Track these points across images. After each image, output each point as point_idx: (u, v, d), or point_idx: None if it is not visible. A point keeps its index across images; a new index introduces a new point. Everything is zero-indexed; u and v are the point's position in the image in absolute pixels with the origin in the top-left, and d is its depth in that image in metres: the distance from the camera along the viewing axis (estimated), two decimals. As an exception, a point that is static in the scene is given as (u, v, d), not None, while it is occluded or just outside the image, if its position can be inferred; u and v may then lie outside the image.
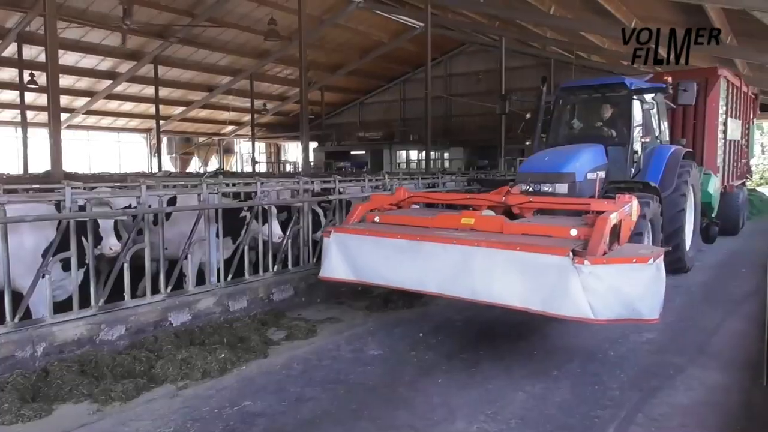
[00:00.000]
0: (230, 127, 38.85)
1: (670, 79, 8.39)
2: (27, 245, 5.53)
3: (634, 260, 4.49)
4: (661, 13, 14.59)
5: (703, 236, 10.92)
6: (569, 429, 4.09)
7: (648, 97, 8.86)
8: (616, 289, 4.42)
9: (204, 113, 35.84)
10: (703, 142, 11.49)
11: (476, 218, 5.61)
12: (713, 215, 11.29)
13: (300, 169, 24.01)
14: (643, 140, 8.55)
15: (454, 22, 25.17)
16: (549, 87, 9.99)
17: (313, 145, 36.19)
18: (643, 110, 8.57)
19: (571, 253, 4.45)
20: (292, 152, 46.10)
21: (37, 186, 9.54)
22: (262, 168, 41.20)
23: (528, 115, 9.99)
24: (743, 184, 15.70)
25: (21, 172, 24.09)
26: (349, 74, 33.03)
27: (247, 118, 35.75)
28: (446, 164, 33.11)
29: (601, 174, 7.99)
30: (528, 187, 7.43)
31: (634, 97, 8.64)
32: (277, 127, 40.36)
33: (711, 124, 11.51)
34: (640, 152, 8.67)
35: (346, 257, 5.74)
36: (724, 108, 12.00)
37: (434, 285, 5.19)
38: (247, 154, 42.16)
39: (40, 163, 24.03)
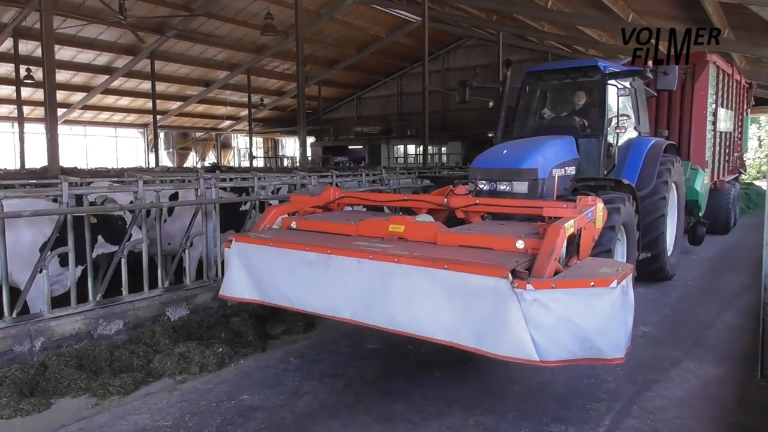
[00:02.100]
0: (227, 122, 38.88)
1: (651, 63, 7.34)
2: (24, 240, 5.54)
3: (592, 283, 3.55)
4: (658, 7, 14.61)
5: (689, 237, 10.09)
6: (565, 421, 4.12)
7: (625, 82, 7.72)
8: (569, 321, 3.52)
9: (201, 108, 35.79)
10: (690, 134, 10.45)
11: (406, 225, 4.68)
12: (700, 214, 10.24)
13: (298, 164, 24.00)
14: (618, 131, 7.51)
15: (451, 16, 25.16)
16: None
17: (310, 140, 36.19)
18: (618, 97, 7.39)
19: (509, 275, 3.53)
20: (290, 147, 46.11)
21: (35, 181, 9.53)
22: (259, 163, 41.19)
23: (491, 104, 8.96)
24: (736, 179, 14.67)
25: (18, 167, 24.07)
26: (346, 69, 33.02)
27: (245, 112, 35.73)
28: (444, 159, 33.14)
29: (571, 170, 7.05)
30: (483, 185, 6.56)
31: (609, 82, 7.49)
32: (274, 121, 40.34)
33: (699, 114, 10.46)
34: (615, 145, 7.64)
35: (248, 272, 4.83)
36: (714, 97, 10.99)
37: (347, 310, 4.23)
38: (245, 149, 42.12)
39: (37, 159, 24.00)
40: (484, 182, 6.60)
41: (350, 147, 38.70)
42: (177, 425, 4.09)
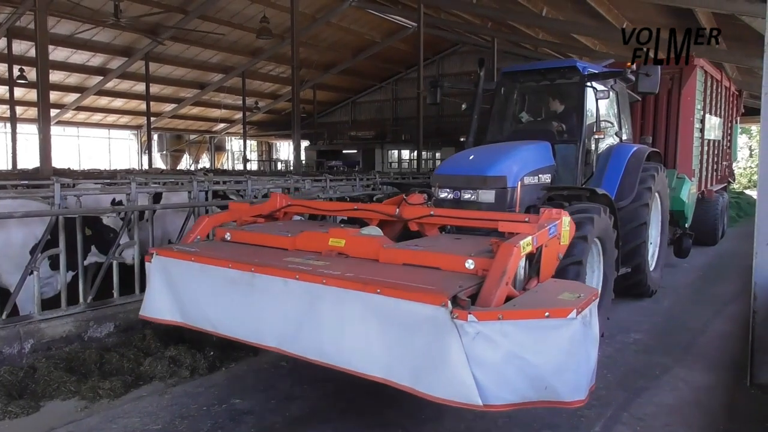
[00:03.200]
0: (221, 125, 38.81)
1: (634, 65, 6.87)
2: (15, 242, 5.51)
3: (547, 314, 3.09)
4: (651, 16, 14.71)
5: (675, 249, 9.71)
6: (556, 428, 4.12)
7: (605, 85, 7.22)
8: (519, 358, 3.05)
9: (195, 110, 35.75)
10: (676, 141, 9.93)
11: (347, 239, 4.23)
12: (687, 225, 9.79)
13: (292, 168, 23.99)
14: (597, 136, 6.95)
15: (446, 22, 25.26)
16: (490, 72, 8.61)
17: (304, 143, 36.18)
18: (598, 100, 6.85)
19: (448, 303, 3.02)
20: (284, 151, 46.09)
21: (26, 182, 9.49)
22: (253, 166, 41.14)
23: (464, 106, 8.32)
24: (725, 189, 14.19)
25: (9, 167, 23.95)
26: (341, 73, 33.07)
27: (239, 115, 35.71)
28: (438, 164, 33.21)
29: (546, 178, 6.50)
30: (445, 194, 6.03)
31: (588, 84, 6.96)
32: (268, 125, 40.33)
33: (686, 121, 9.95)
34: (593, 152, 7.06)
35: (170, 290, 4.34)
36: (702, 103, 10.54)
37: (273, 337, 3.76)
38: (239, 152, 42.08)
39: (29, 159, 23.89)
40: (447, 190, 6.04)
41: (344, 151, 38.73)
42: (167, 429, 4.07)
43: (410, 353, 3.17)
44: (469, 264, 3.64)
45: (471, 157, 6.35)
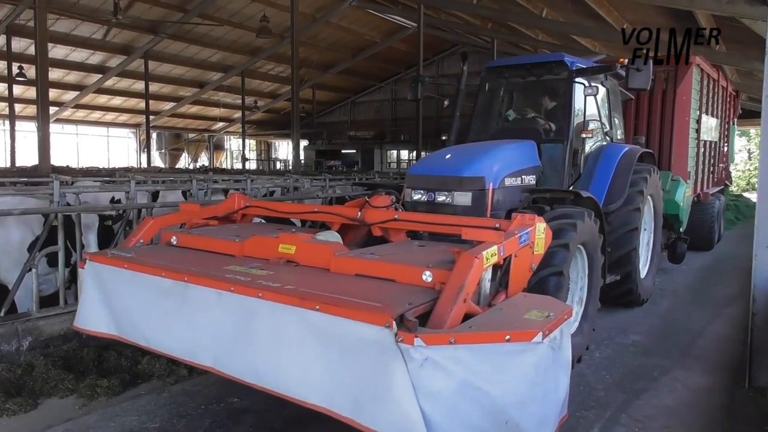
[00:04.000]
0: (220, 124, 38.82)
1: (625, 60, 6.42)
2: (13, 239, 5.50)
3: (508, 337, 2.72)
4: (651, 18, 14.72)
5: (669, 254, 9.28)
6: (554, 429, 4.12)
7: (595, 81, 6.81)
8: (476, 389, 2.65)
9: (194, 109, 35.73)
10: (671, 142, 9.52)
11: (298, 245, 3.85)
12: (681, 229, 9.38)
13: (291, 167, 23.99)
14: (585, 135, 6.53)
15: (446, 23, 25.25)
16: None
17: (303, 143, 36.18)
18: (586, 97, 6.39)
19: (393, 324, 2.60)
20: (283, 150, 46.08)
21: (25, 179, 9.48)
22: (252, 165, 41.13)
23: (446, 103, 7.92)
24: (721, 191, 13.76)
25: (8, 165, 23.93)
26: (340, 73, 33.07)
27: (238, 114, 35.70)
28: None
29: (530, 179, 6.10)
30: (419, 196, 5.64)
31: (576, 79, 6.57)
32: (267, 124, 40.33)
33: (681, 121, 9.52)
34: (581, 152, 6.67)
35: (105, 300, 3.99)
36: (698, 103, 10.13)
37: (208, 356, 3.39)
38: (238, 151, 42.07)
39: (28, 157, 23.87)
40: (421, 192, 5.63)
41: (343, 151, 38.74)
42: (165, 427, 4.06)
43: (351, 380, 2.78)
44: (427, 276, 3.25)
45: (447, 156, 5.96)
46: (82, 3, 20.78)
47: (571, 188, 6.28)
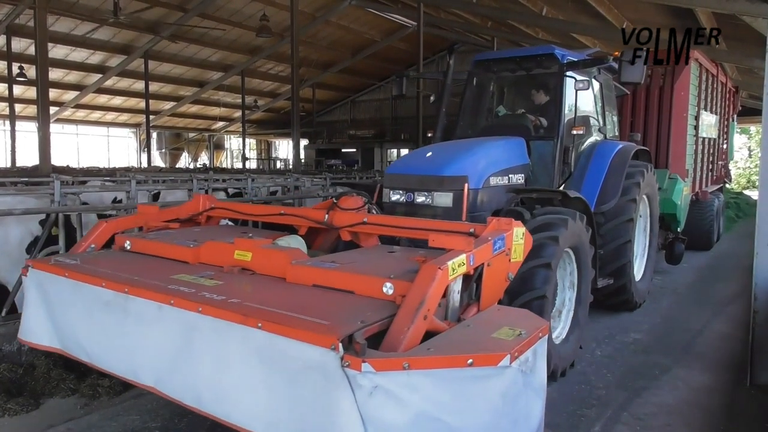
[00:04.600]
0: (220, 123, 38.81)
1: (618, 54, 6.16)
2: (12, 239, 5.51)
3: (470, 361, 2.40)
4: (652, 16, 14.72)
5: (666, 255, 9.11)
6: (556, 427, 4.12)
7: (586, 75, 6.47)
8: (434, 420, 2.36)
9: (194, 109, 35.71)
10: (668, 139, 9.26)
11: (254, 252, 3.56)
12: (679, 229, 9.11)
13: (291, 167, 23.99)
14: (576, 131, 6.15)
15: (446, 21, 25.23)
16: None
17: (303, 142, 36.18)
18: (577, 91, 6.04)
19: (339, 346, 2.32)
20: (283, 149, 46.08)
21: (26, 179, 9.48)
22: (252, 164, 41.14)
23: (432, 98, 7.54)
24: (720, 190, 13.46)
25: (8, 165, 23.94)
26: (340, 72, 33.04)
27: (238, 114, 35.68)
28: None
29: (518, 179, 5.80)
30: (398, 196, 5.37)
31: (567, 73, 6.25)
32: (267, 123, 40.31)
33: (678, 117, 9.26)
34: (572, 149, 6.34)
35: (48, 311, 3.70)
36: (697, 99, 9.87)
37: (150, 375, 3.12)
38: (238, 150, 42.07)
39: (28, 157, 23.87)
40: (400, 192, 5.36)
41: (344, 150, 38.72)
42: (167, 427, 4.07)
43: (296, 408, 2.48)
44: (388, 289, 2.94)
45: (428, 154, 5.67)
46: (82, 2, 20.76)
47: (562, 187, 6.07)
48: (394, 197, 5.39)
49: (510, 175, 5.66)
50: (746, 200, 20.26)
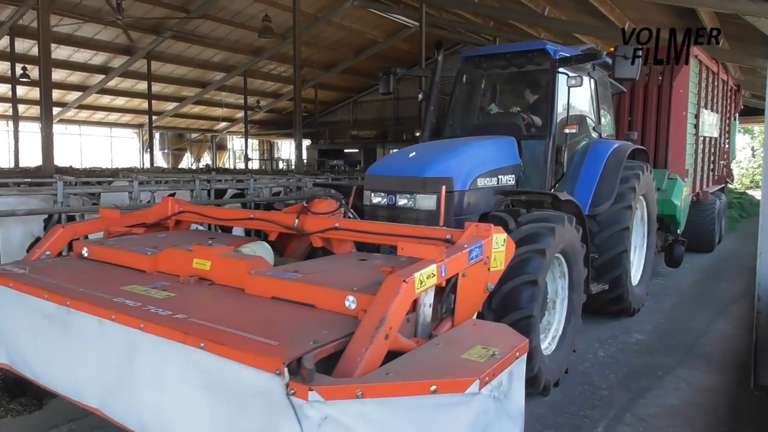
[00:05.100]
0: (223, 124, 38.85)
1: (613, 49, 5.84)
2: (13, 240, 5.52)
3: (434, 388, 2.12)
4: (654, 15, 14.69)
5: (665, 258, 8.86)
6: (558, 428, 4.11)
7: (580, 71, 6.26)
8: None
9: (197, 109, 35.76)
10: (667, 138, 9.02)
11: (213, 260, 3.30)
12: (679, 231, 8.85)
13: (293, 167, 24.01)
14: (568, 130, 5.84)
15: (448, 21, 25.21)
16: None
17: (306, 142, 36.18)
18: (570, 88, 5.76)
19: (284, 371, 2.06)
20: (285, 149, 46.10)
21: (29, 180, 9.50)
22: (254, 165, 41.17)
23: (420, 96, 7.40)
24: (722, 190, 13.13)
25: (12, 165, 23.99)
26: (343, 72, 33.05)
27: (240, 114, 35.70)
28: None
29: (508, 180, 5.55)
30: (379, 199, 5.12)
31: (560, 69, 5.98)
32: (270, 124, 40.33)
33: (678, 116, 9.02)
34: (565, 149, 6.05)
35: None
36: (697, 97, 9.65)
37: (94, 395, 2.91)
38: (240, 150, 42.11)
39: (31, 158, 23.93)
40: (381, 194, 5.09)
41: (346, 150, 38.72)
42: (169, 428, 4.07)
43: None
44: (350, 302, 2.68)
45: (412, 155, 5.41)
46: (85, 3, 20.81)
47: (554, 188, 5.88)
48: (376, 200, 5.16)
49: (499, 176, 5.45)
50: (750, 200, 20.22)
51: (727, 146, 13.20)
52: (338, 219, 4.07)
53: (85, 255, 3.95)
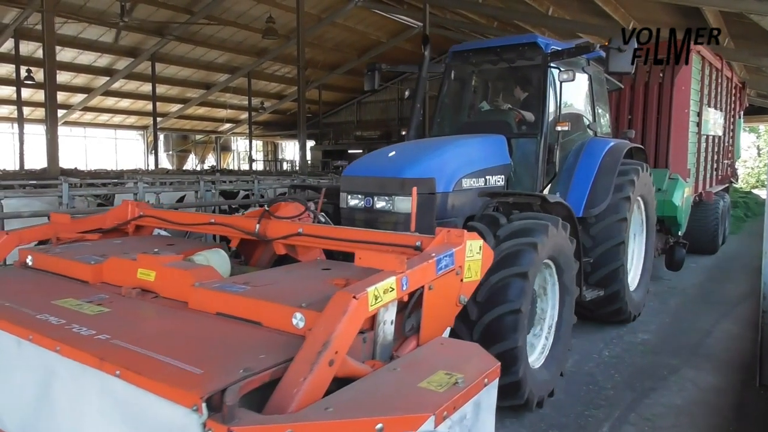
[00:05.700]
0: (227, 125, 38.94)
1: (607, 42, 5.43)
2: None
3: (380, 426, 1.77)
4: (658, 15, 14.66)
5: (666, 261, 8.61)
6: (564, 428, 4.11)
7: (573, 66, 5.90)
8: None
9: (201, 111, 35.86)
10: (668, 136, 8.69)
11: (158, 271, 3.02)
12: (680, 233, 8.56)
13: (297, 168, 24.04)
14: (561, 128, 5.58)
15: (452, 22, 25.20)
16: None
17: (310, 143, 36.24)
18: (562, 83, 5.57)
19: (202, 406, 1.76)
20: (289, 150, 46.17)
21: (34, 182, 9.55)
22: (259, 166, 41.26)
23: (407, 93, 7.03)
24: (726, 190, 12.66)
25: (17, 168, 24.11)
26: (346, 73, 33.10)
27: (245, 116, 35.81)
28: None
29: (497, 180, 5.26)
30: (356, 201, 4.85)
31: (552, 64, 5.70)
32: (274, 125, 40.42)
33: (679, 114, 8.69)
34: (557, 148, 5.77)
35: None
36: (699, 94, 9.33)
37: (15, 422, 2.65)
38: (244, 152, 42.21)
39: (37, 160, 24.03)
40: (358, 197, 4.83)
41: (350, 151, 38.73)
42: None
43: None
44: (298, 320, 2.37)
45: (391, 154, 5.12)
46: (89, 6, 20.90)
47: (547, 189, 5.63)
48: (352, 202, 4.86)
49: (487, 177, 5.14)
50: (755, 199, 20.16)
51: (731, 145, 12.85)
52: (302, 224, 3.69)
53: (30, 264, 3.64)
